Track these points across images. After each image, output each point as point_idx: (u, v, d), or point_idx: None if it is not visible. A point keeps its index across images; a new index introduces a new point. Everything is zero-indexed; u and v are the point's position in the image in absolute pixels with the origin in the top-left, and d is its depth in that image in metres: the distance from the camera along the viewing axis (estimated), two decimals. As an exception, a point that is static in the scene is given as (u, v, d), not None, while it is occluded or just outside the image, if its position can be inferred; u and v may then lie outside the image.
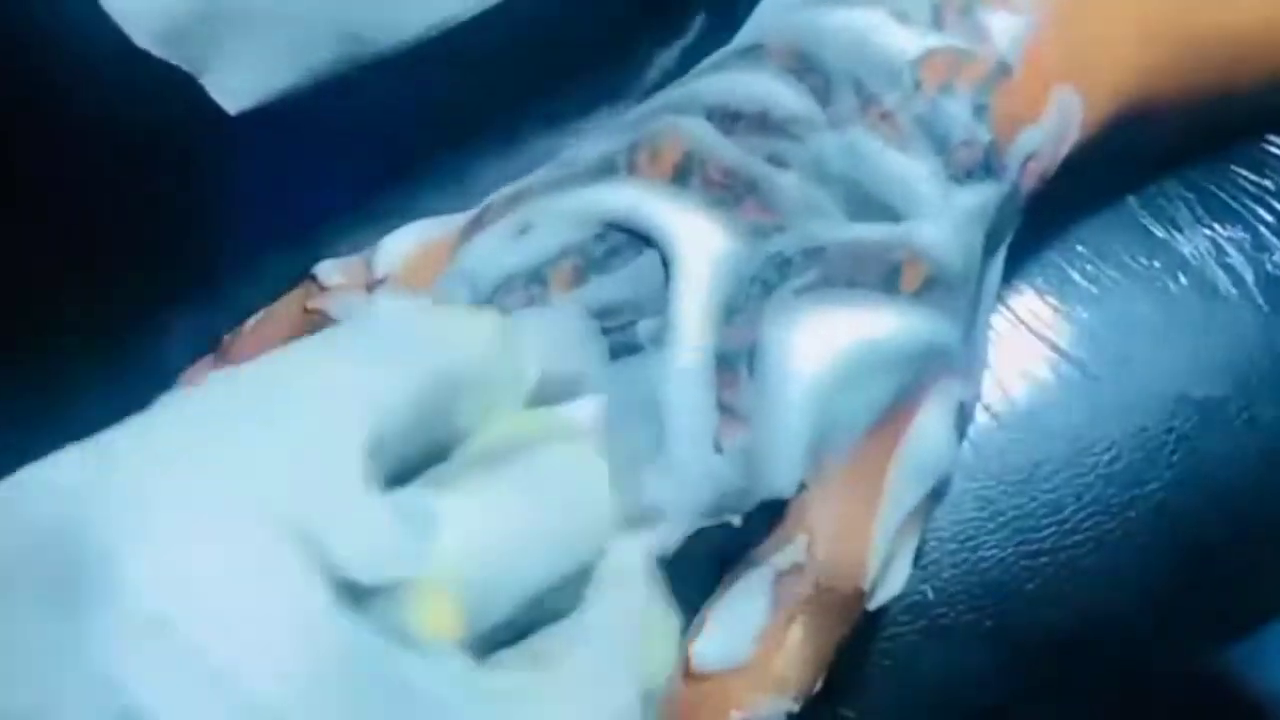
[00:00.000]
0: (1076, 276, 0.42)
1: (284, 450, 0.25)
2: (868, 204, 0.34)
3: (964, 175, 0.34)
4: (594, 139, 0.36)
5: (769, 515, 0.33)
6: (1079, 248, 0.42)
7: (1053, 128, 0.35)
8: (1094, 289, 0.41)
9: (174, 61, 0.28)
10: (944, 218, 0.34)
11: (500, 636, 0.27)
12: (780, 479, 0.32)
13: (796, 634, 0.33)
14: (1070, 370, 0.41)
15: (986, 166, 0.34)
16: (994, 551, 0.40)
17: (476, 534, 0.26)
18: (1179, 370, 0.41)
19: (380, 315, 0.30)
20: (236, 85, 0.33)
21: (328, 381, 0.26)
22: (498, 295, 0.34)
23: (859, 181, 0.34)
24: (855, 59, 0.35)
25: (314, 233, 0.41)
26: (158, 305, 0.42)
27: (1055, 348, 0.41)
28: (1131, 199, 0.42)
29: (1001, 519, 0.40)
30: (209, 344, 0.37)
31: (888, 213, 0.34)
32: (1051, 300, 0.41)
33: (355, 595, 0.24)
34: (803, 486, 0.33)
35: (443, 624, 0.25)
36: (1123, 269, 0.42)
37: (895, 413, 0.33)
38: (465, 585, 0.26)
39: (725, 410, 0.32)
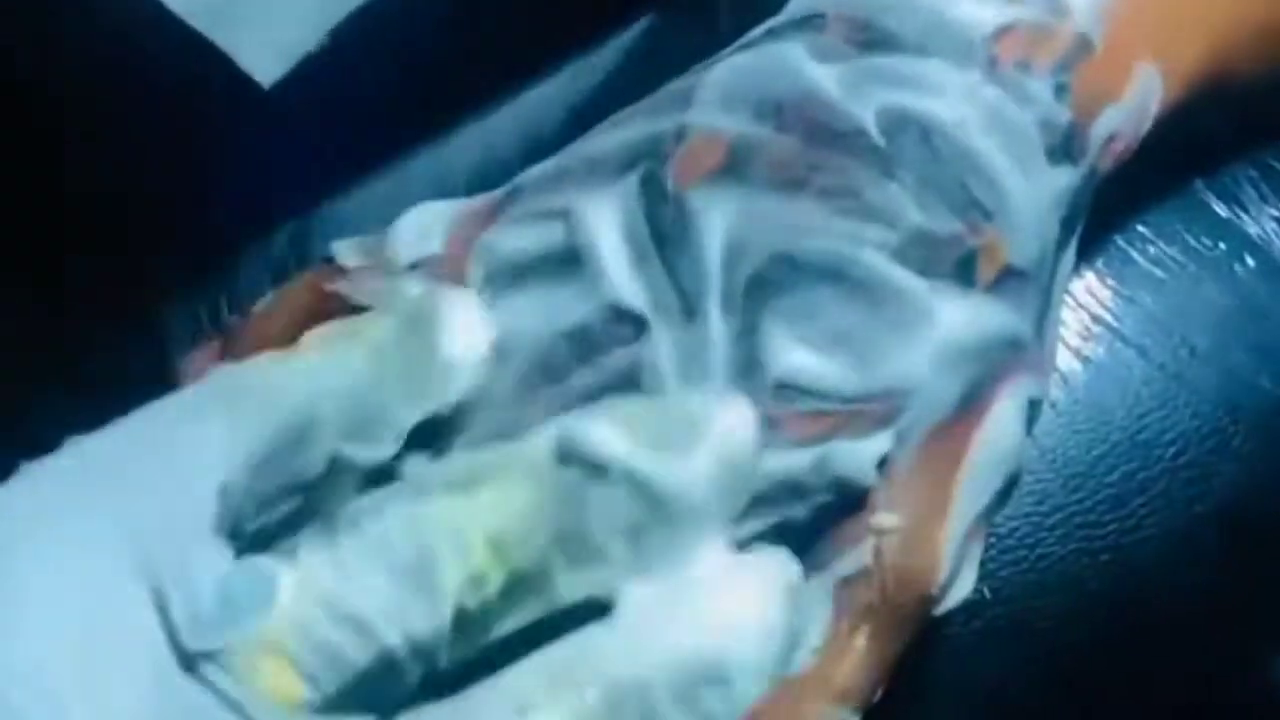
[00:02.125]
0: (1139, 259, 0.40)
1: (140, 509, 0.27)
2: (940, 189, 0.32)
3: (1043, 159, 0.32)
4: (627, 121, 0.34)
5: (833, 516, 0.31)
6: (1140, 229, 0.40)
7: (1134, 107, 0.33)
8: (1157, 272, 0.40)
9: (211, 37, 0.27)
10: (1022, 205, 0.32)
11: (361, 695, 0.27)
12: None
13: (860, 643, 0.31)
14: (1133, 357, 0.39)
15: (1066, 150, 0.32)
16: (1054, 548, 0.38)
17: (312, 596, 0.27)
18: (1246, 357, 0.39)
19: (233, 371, 0.30)
20: (264, 58, 0.32)
21: (179, 439, 0.28)
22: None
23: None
24: (925, 31, 0.33)
25: (307, 209, 0.40)
26: (158, 281, 0.41)
27: (1117, 333, 0.39)
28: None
29: (1061, 514, 0.38)
30: (206, 328, 0.36)
31: (963, 199, 0.32)
32: (1112, 283, 0.40)
33: (191, 659, 0.26)
34: (870, 490, 0.31)
35: (283, 687, 0.27)
36: (1187, 251, 0.40)
37: (966, 410, 0.31)
38: (301, 646, 0.27)
39: None
